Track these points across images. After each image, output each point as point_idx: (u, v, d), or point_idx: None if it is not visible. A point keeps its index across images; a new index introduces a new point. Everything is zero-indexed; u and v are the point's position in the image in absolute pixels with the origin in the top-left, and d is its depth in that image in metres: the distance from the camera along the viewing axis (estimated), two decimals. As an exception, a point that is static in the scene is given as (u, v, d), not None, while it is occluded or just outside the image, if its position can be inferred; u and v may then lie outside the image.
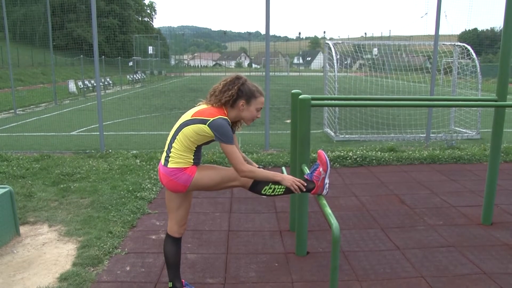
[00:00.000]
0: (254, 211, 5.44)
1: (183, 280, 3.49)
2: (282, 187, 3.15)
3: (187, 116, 3.08)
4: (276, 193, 3.18)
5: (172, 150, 3.07)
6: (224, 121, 2.98)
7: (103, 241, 4.40)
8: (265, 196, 3.26)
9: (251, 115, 3.14)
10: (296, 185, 3.10)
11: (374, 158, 7.78)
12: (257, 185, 3.17)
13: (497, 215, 5.19)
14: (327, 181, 3.23)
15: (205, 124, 2.97)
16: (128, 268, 3.93)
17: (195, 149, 3.08)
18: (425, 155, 8.01)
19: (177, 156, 3.05)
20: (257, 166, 3.32)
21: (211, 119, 2.97)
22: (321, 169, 3.20)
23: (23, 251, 4.28)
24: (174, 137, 3.08)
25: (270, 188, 3.16)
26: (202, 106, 3.12)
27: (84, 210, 5.32)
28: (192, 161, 3.10)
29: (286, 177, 3.11)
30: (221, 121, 2.97)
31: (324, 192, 3.23)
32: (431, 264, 4.04)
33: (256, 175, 3.06)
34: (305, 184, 3.16)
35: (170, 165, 3.07)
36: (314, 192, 3.22)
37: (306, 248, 4.25)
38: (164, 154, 3.13)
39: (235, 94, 3.06)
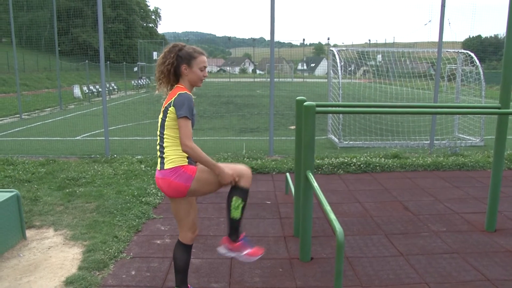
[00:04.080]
0: (258, 217, 5.46)
1: (189, 286, 3.51)
2: (241, 205, 3.20)
3: (160, 113, 3.12)
4: (236, 212, 3.21)
5: (164, 150, 3.08)
6: (184, 95, 3.01)
7: (108, 245, 4.43)
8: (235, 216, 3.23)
9: (197, 76, 3.14)
10: (232, 180, 3.13)
11: (378, 164, 7.80)
12: (232, 192, 3.21)
13: (500, 222, 5.20)
14: (228, 253, 3.35)
15: (172, 105, 3.00)
16: (133, 273, 3.96)
17: None
18: (428, 162, 8.02)
19: (171, 153, 3.05)
20: None
21: (173, 98, 3.01)
22: (246, 253, 3.30)
23: (29, 255, 4.32)
24: (161, 137, 3.09)
25: (236, 201, 3.19)
26: (165, 91, 3.18)
27: (90, 215, 5.36)
28: (187, 158, 3.07)
29: (226, 174, 3.08)
30: (183, 94, 3.01)
31: (222, 251, 3.37)
32: (434, 270, 4.05)
33: (196, 154, 2.98)
34: (236, 180, 3.15)
35: (166, 166, 3.05)
36: (227, 240, 3.34)
37: (310, 253, 4.27)
38: (158, 159, 3.13)
39: (175, 60, 3.08)
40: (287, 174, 6.44)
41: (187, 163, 3.08)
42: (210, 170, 3.09)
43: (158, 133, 3.11)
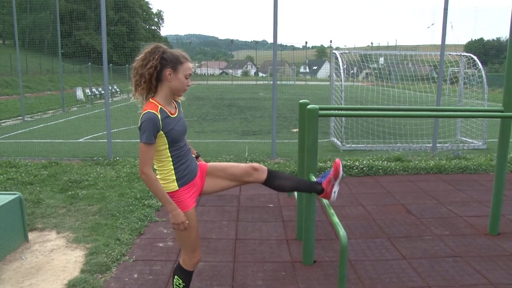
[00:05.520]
0: (261, 220, 5.46)
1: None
2: (181, 285, 3.04)
3: None
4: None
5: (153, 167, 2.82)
6: (148, 115, 2.66)
7: (111, 248, 4.43)
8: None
9: (181, 84, 2.79)
10: (180, 228, 2.83)
11: (380, 167, 7.78)
12: (175, 269, 3.09)
13: (503, 225, 5.18)
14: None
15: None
16: (136, 276, 3.96)
17: (170, 155, 2.81)
18: (431, 165, 8.00)
19: (158, 172, 2.85)
20: (196, 152, 3.22)
21: (140, 119, 2.69)
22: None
23: (31, 258, 4.32)
24: None
25: (177, 281, 3.04)
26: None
27: (92, 217, 5.36)
28: (175, 177, 2.83)
29: (177, 216, 2.78)
30: (145, 115, 2.66)
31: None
32: (437, 274, 4.04)
33: (150, 183, 2.70)
34: (185, 227, 2.83)
35: None
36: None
37: (313, 257, 4.26)
38: None
39: (158, 64, 2.72)
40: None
41: (176, 188, 2.84)
42: (194, 233, 2.94)
43: None
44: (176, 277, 3.07)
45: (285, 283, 3.86)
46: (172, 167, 2.83)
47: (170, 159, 2.82)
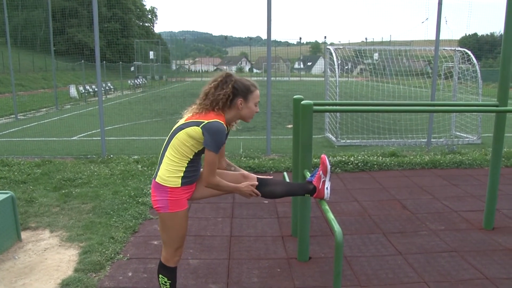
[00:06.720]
0: (256, 216, 5.43)
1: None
2: (168, 283, 3.07)
3: (181, 121, 2.89)
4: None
5: (164, 159, 2.87)
6: (221, 126, 2.75)
7: (105, 246, 4.40)
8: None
9: (251, 112, 2.93)
10: (254, 192, 3.01)
11: (375, 163, 7.78)
12: (159, 268, 3.10)
13: (498, 220, 5.19)
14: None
15: (199, 126, 2.75)
16: (130, 274, 3.93)
17: (191, 158, 2.85)
18: (426, 160, 8.01)
19: (169, 163, 2.85)
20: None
21: (207, 121, 2.75)
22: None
23: (24, 257, 4.28)
24: (167, 145, 2.88)
25: (162, 279, 3.07)
26: (196, 112, 2.87)
27: (86, 216, 5.32)
28: (183, 174, 2.85)
29: (243, 188, 2.98)
30: (218, 124, 2.75)
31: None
32: (433, 269, 4.03)
33: (221, 188, 2.92)
34: (258, 194, 3.04)
35: (157, 179, 2.87)
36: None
37: (308, 253, 4.24)
38: (157, 168, 2.95)
39: (231, 93, 2.83)
40: (285, 173, 6.38)
41: (178, 185, 2.86)
42: (183, 230, 2.97)
43: (166, 140, 2.91)
44: (160, 276, 3.07)
45: (280, 280, 3.85)
46: (185, 165, 2.86)
47: (188, 160, 2.87)
